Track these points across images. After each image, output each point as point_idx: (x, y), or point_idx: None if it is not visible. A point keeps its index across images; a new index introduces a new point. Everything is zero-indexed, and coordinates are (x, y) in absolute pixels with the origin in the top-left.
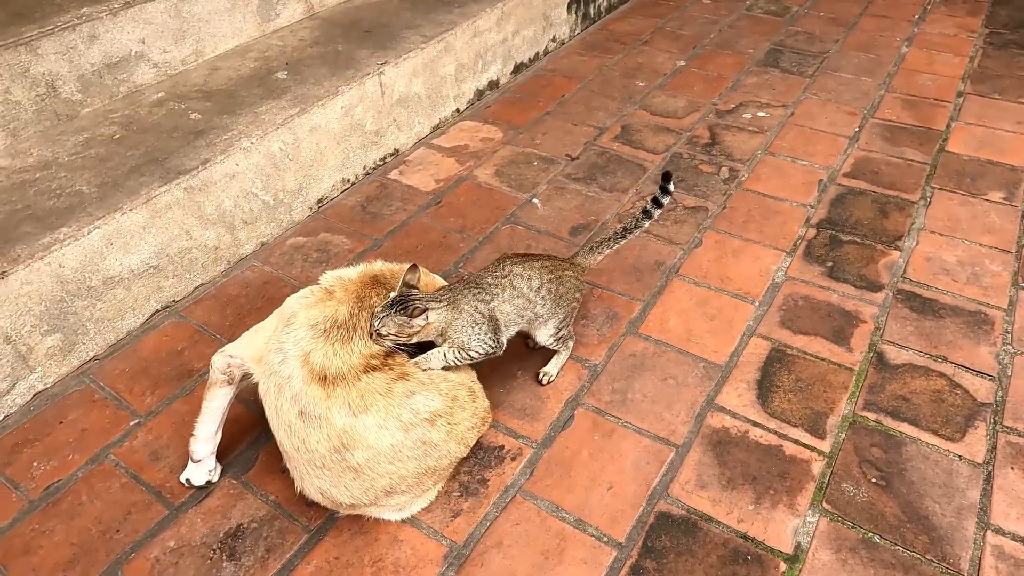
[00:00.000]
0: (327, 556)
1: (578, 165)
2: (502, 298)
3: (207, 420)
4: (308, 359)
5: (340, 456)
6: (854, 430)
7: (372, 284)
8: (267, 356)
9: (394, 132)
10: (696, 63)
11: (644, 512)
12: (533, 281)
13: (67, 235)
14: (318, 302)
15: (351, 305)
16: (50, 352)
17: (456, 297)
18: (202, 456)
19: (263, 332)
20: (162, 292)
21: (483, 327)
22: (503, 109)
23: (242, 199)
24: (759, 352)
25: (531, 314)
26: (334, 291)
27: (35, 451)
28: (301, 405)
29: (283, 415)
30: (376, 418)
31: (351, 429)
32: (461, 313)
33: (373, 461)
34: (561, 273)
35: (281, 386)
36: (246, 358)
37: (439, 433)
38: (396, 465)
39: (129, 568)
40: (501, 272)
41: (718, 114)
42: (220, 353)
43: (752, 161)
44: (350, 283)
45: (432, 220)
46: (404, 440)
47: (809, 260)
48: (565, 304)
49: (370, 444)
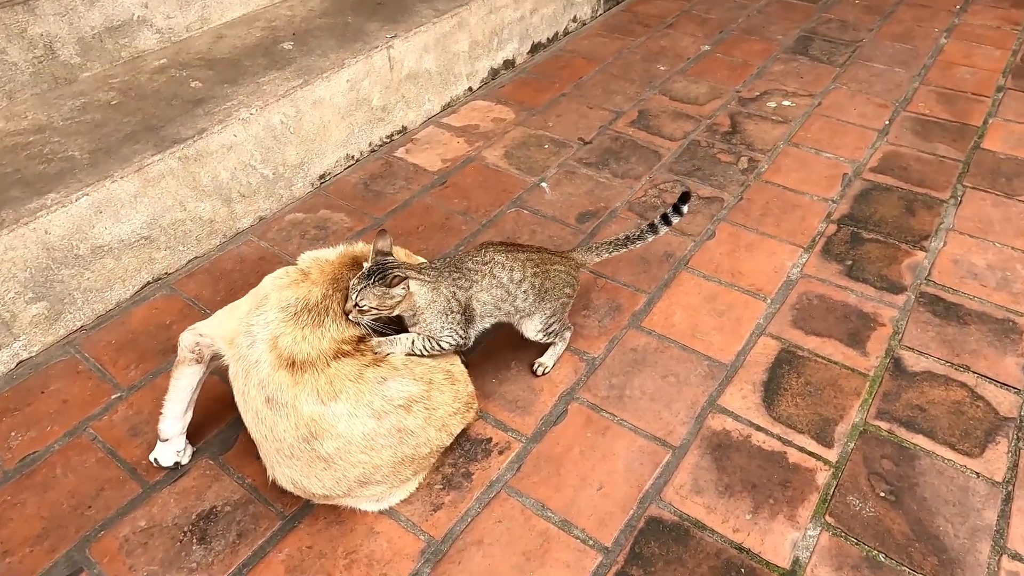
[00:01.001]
0: (300, 544)
1: (591, 149)
2: (480, 286)
3: (175, 399)
4: (276, 343)
5: (309, 445)
6: (864, 440)
7: (351, 266)
8: (237, 338)
9: (402, 109)
10: (721, 48)
11: (634, 516)
12: (515, 273)
13: (55, 201)
14: (292, 283)
15: (325, 286)
16: (35, 320)
17: (437, 278)
18: (170, 435)
19: (237, 312)
20: (153, 264)
21: (455, 316)
22: (517, 89)
23: (240, 171)
24: (768, 352)
25: (510, 307)
26: (310, 272)
27: (15, 421)
28: (268, 392)
29: (250, 401)
30: (346, 406)
31: (319, 417)
32: (440, 297)
33: (344, 451)
34: (548, 267)
35: (248, 371)
36: (217, 338)
37: (416, 419)
38: (369, 455)
39: (97, 546)
40: (482, 258)
41: (741, 102)
42: (189, 331)
43: (773, 152)
44: (327, 264)
45: (436, 201)
46: (377, 428)
47: (827, 258)
48: (551, 300)
49: (340, 433)
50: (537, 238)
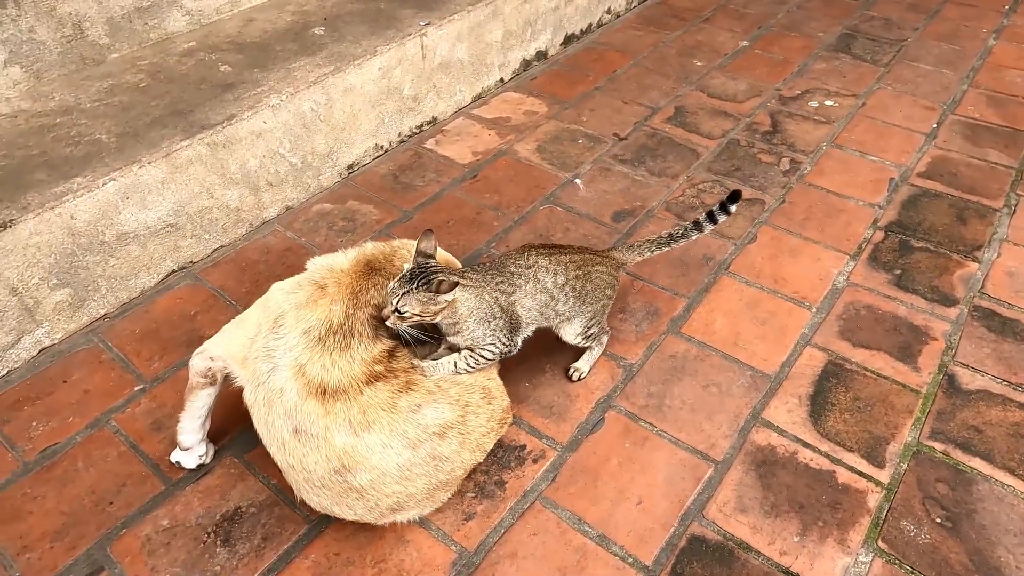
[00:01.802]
0: (327, 551)
1: (626, 146)
2: (524, 291)
3: (191, 416)
4: (303, 371)
5: (341, 477)
6: (918, 461)
7: (367, 274)
8: (254, 363)
9: (433, 99)
10: (760, 44)
11: (675, 533)
12: (559, 277)
13: (81, 185)
14: (309, 301)
15: (346, 303)
16: (58, 307)
17: (483, 283)
18: (190, 445)
19: (246, 327)
20: (179, 252)
21: (499, 322)
22: (550, 81)
23: (268, 159)
24: (814, 364)
25: (552, 312)
26: (326, 286)
27: (36, 410)
28: (296, 422)
29: (275, 431)
30: (380, 436)
31: (353, 450)
32: (483, 303)
33: (378, 482)
34: (590, 269)
35: (272, 400)
36: (228, 359)
37: (451, 446)
38: (404, 484)
39: (118, 545)
40: (525, 262)
41: (781, 100)
42: (199, 355)
43: (816, 153)
44: (343, 275)
45: (466, 195)
46: (412, 458)
47: (875, 266)
48: (592, 302)
49: (374, 465)
50: (571, 236)
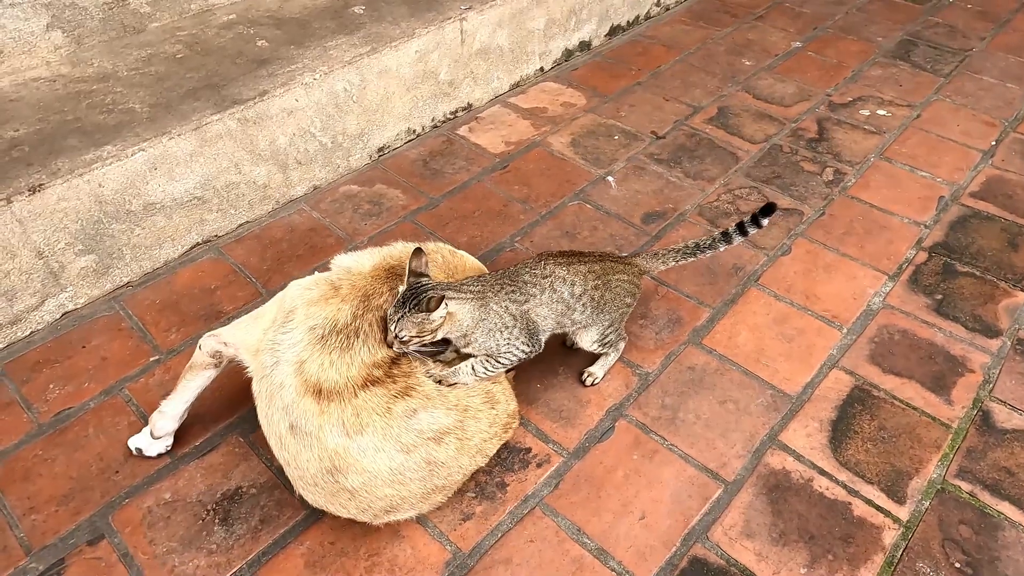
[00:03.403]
0: (322, 539)
1: (663, 145)
2: (539, 300)
3: (179, 399)
4: (303, 368)
5: (332, 478)
6: (941, 500)
7: (385, 278)
8: (261, 357)
9: (469, 85)
10: (814, 46)
11: (676, 553)
12: (576, 287)
13: (111, 154)
14: (321, 299)
15: (355, 304)
16: (83, 273)
17: (485, 292)
18: (163, 434)
19: (262, 321)
20: (204, 226)
21: (514, 329)
22: (591, 73)
23: (298, 138)
24: (839, 388)
25: (567, 320)
26: (340, 287)
27: (54, 372)
28: (292, 418)
29: (273, 425)
30: (373, 439)
31: (344, 451)
32: (489, 313)
33: (370, 485)
34: (609, 278)
35: (273, 394)
36: (241, 348)
37: (447, 451)
38: (397, 488)
39: (120, 514)
40: (542, 272)
41: (831, 107)
42: (211, 336)
43: (863, 165)
44: (359, 278)
45: (495, 185)
46: (405, 463)
47: (915, 289)
48: (611, 311)
49: (365, 468)
50: (598, 235)
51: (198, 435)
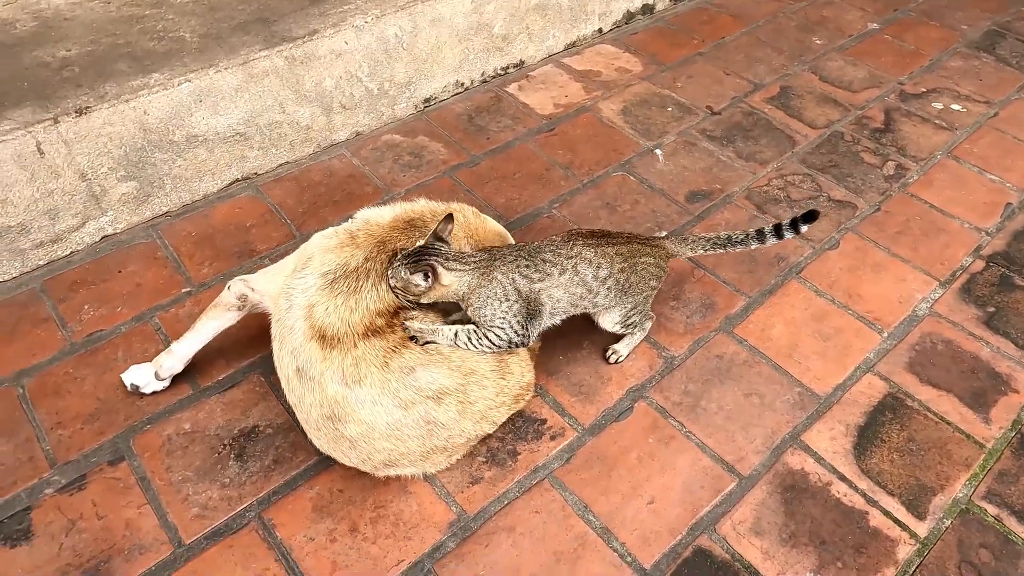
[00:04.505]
0: (332, 485)
1: (717, 121)
2: (556, 281)
3: (194, 339)
4: (311, 312)
5: (332, 425)
6: (964, 520)
7: (404, 228)
8: (278, 301)
9: (523, 41)
10: (892, 29)
11: (681, 542)
12: (601, 270)
13: (158, 82)
14: (337, 246)
15: (369, 250)
16: (124, 199)
17: (492, 263)
18: (168, 375)
19: (287, 269)
20: (244, 162)
21: (513, 305)
22: (651, 39)
23: (344, 81)
24: (872, 393)
25: (588, 303)
26: (357, 236)
27: (90, 294)
28: (299, 362)
29: (283, 368)
30: (370, 392)
31: (343, 400)
32: (491, 282)
33: (367, 436)
34: (636, 260)
35: (284, 337)
36: (266, 296)
37: (448, 412)
38: (394, 443)
39: (141, 439)
40: (567, 252)
41: (902, 96)
42: (240, 280)
43: (928, 161)
44: (377, 227)
45: (539, 148)
46: (403, 419)
47: (966, 298)
48: (635, 293)
49: (363, 419)
50: (638, 210)
51: (221, 370)
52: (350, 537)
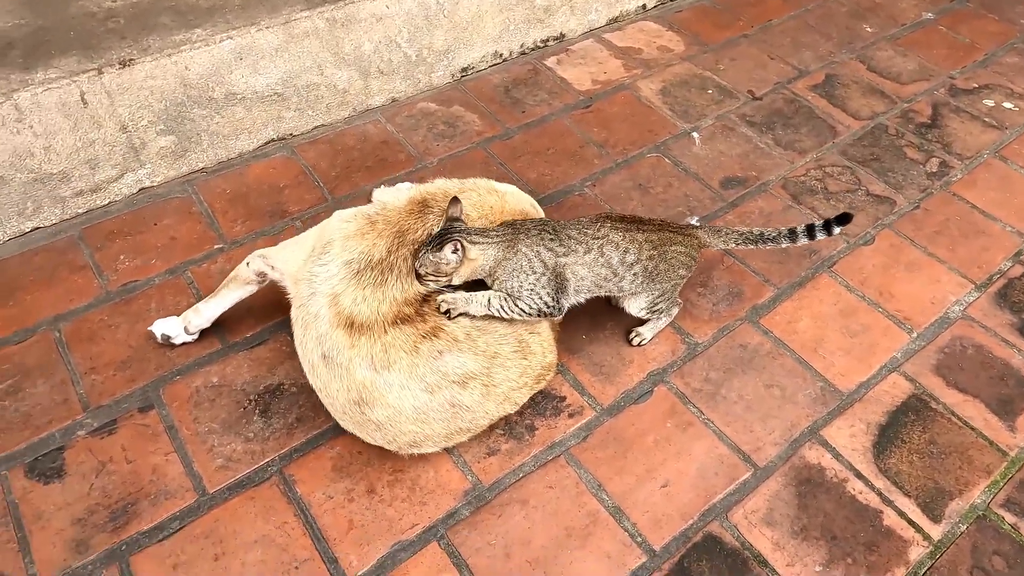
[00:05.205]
0: (352, 448)
1: (758, 107)
2: (580, 259)
3: (217, 304)
4: (337, 300)
5: (359, 409)
6: (980, 526)
7: (419, 212)
8: (299, 287)
9: (565, 14)
10: (947, 20)
11: (692, 527)
12: (629, 255)
13: (200, 38)
14: (358, 233)
15: (390, 240)
16: (162, 152)
17: (516, 236)
18: (196, 330)
19: (303, 247)
20: (280, 123)
21: (541, 277)
22: (695, 18)
23: (383, 46)
24: (895, 393)
25: (613, 287)
26: (376, 221)
27: (126, 244)
28: (325, 348)
29: (307, 353)
30: (399, 376)
31: (371, 384)
32: (516, 254)
33: (394, 419)
34: (666, 248)
35: (308, 323)
36: (286, 274)
37: (472, 396)
38: (420, 426)
39: (171, 389)
40: (595, 232)
41: (951, 91)
42: (260, 257)
43: (974, 160)
44: (394, 212)
45: (574, 124)
46: (429, 402)
47: (1001, 304)
48: (663, 281)
49: (390, 403)
50: (671, 193)
51: (249, 328)
52: (367, 498)
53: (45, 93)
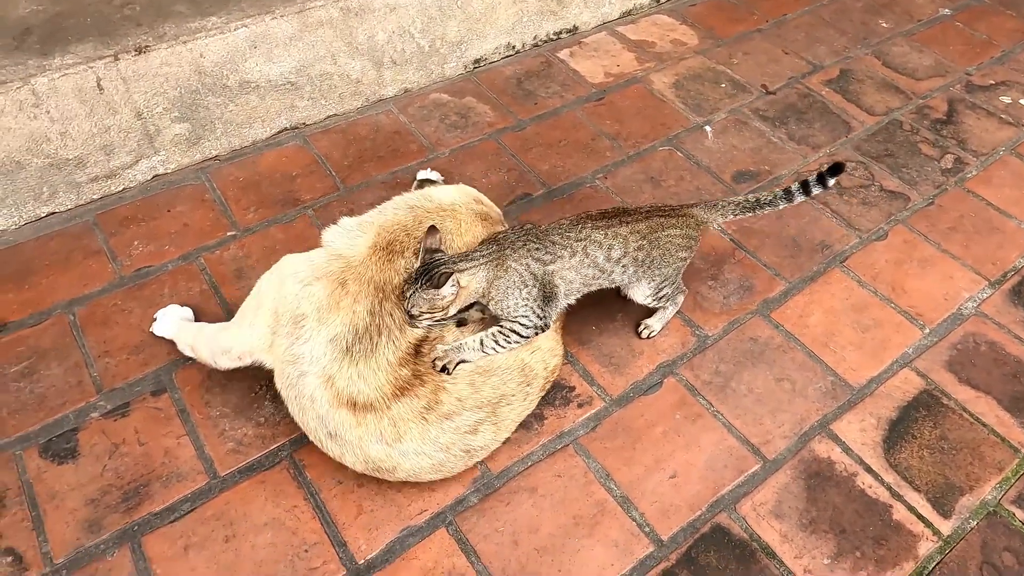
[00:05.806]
0: None
1: (771, 101)
2: (567, 263)
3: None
4: (332, 382)
5: (379, 475)
6: (990, 522)
7: (387, 258)
8: (282, 365)
9: (579, 6)
10: (964, 16)
11: (700, 518)
12: (614, 251)
13: (215, 26)
14: (331, 301)
15: (369, 301)
16: (176, 140)
17: (503, 251)
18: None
19: (263, 315)
20: (294, 112)
21: (533, 290)
22: (709, 12)
23: (397, 37)
24: (906, 389)
25: (604, 282)
26: (346, 282)
27: (140, 231)
28: (330, 428)
29: (312, 431)
30: (412, 444)
31: (386, 456)
32: (507, 271)
33: (414, 475)
34: (658, 235)
35: (304, 406)
36: (255, 352)
37: (484, 437)
38: (439, 473)
39: (183, 373)
40: (576, 234)
41: (968, 87)
42: (225, 356)
43: (989, 157)
44: (362, 267)
45: (586, 117)
46: (446, 458)
47: (1015, 301)
48: (661, 267)
49: (408, 468)
50: (683, 186)
51: None
52: (376, 483)
53: (62, 79)
